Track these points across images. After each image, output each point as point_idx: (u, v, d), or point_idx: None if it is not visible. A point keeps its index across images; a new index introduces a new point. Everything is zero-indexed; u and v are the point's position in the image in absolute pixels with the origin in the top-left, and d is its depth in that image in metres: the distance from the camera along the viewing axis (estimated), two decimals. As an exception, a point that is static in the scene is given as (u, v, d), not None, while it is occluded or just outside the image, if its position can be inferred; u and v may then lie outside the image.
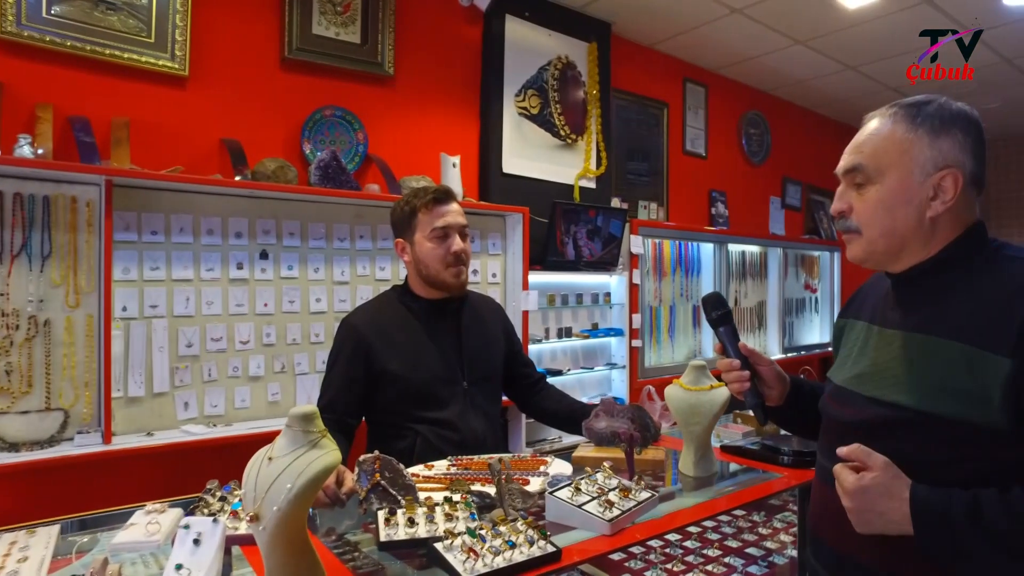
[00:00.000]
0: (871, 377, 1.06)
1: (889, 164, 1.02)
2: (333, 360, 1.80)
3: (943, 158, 0.99)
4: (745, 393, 1.29)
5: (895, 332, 1.05)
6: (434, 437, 1.74)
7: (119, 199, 2.32)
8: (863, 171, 1.05)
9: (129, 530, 1.16)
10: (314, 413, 1.00)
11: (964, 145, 0.99)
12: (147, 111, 2.53)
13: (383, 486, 1.33)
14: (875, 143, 1.04)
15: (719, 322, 1.33)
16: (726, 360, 1.31)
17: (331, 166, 2.77)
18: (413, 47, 3.30)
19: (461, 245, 1.79)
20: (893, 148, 1.02)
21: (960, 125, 1.00)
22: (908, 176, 1.00)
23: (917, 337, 1.00)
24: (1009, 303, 0.92)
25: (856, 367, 1.10)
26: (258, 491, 0.95)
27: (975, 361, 0.91)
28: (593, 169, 4.03)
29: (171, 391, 2.46)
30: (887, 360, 1.04)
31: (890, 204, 1.02)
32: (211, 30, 2.69)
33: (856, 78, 5.09)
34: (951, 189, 0.98)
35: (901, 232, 1.02)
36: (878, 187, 1.03)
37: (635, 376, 3.98)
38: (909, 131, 1.01)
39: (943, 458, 0.93)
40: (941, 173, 0.99)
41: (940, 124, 1.00)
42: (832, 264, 5.98)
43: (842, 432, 1.07)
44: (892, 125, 1.03)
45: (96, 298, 2.28)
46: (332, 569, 1.11)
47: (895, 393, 1.00)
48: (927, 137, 1.00)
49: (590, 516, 1.24)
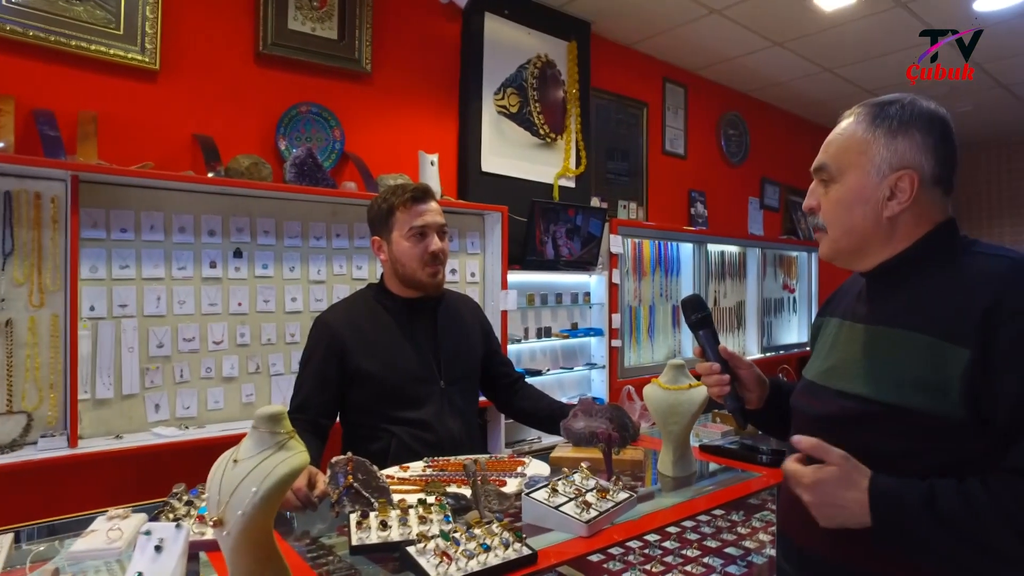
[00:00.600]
0: (839, 370, 1.07)
1: (849, 164, 1.04)
2: (306, 359, 1.76)
3: (899, 159, 1.00)
4: (725, 397, 1.28)
5: (862, 326, 1.07)
6: (410, 438, 1.71)
7: (86, 195, 2.26)
8: (827, 170, 1.07)
9: (88, 537, 1.11)
10: (281, 414, 0.96)
11: (923, 146, 1.00)
12: (116, 105, 2.47)
13: (356, 488, 1.29)
14: (839, 143, 1.07)
15: (699, 325, 1.32)
16: (706, 363, 1.30)
17: (307, 163, 2.73)
18: (391, 44, 3.26)
19: (439, 245, 1.76)
20: (853, 148, 1.04)
21: (919, 125, 1.01)
22: (865, 176, 1.02)
23: (882, 330, 1.02)
24: (970, 294, 0.92)
25: (826, 361, 1.12)
26: (222, 495, 0.91)
27: (937, 353, 0.92)
28: (573, 168, 4.02)
29: (141, 393, 2.40)
30: (854, 353, 1.05)
31: (849, 203, 1.04)
32: (183, 23, 2.63)
33: (832, 80, 5.15)
34: (907, 190, 1.00)
35: (860, 231, 1.04)
36: (839, 186, 1.06)
37: (615, 376, 3.97)
38: (868, 132, 1.03)
39: (906, 450, 0.94)
40: (897, 174, 1.00)
41: (898, 125, 1.01)
42: (810, 264, 6.04)
43: (811, 427, 1.07)
44: (855, 125, 1.05)
45: (62, 297, 2.21)
46: (302, 574, 1.07)
47: (860, 386, 1.01)
48: (883, 138, 1.01)
49: (567, 518, 1.22)
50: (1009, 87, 5.32)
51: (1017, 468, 0.85)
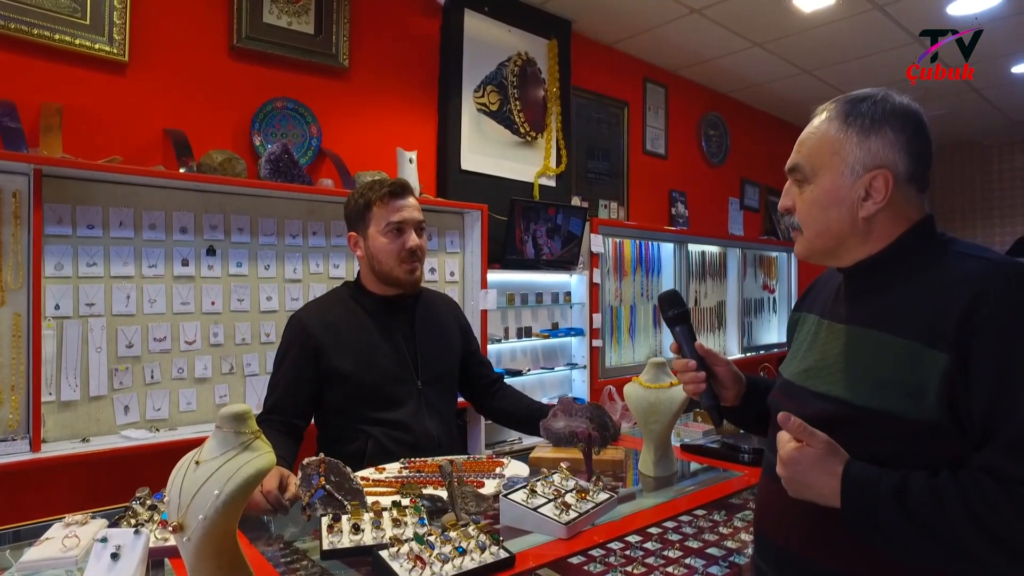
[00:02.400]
0: (817, 372, 1.05)
1: (822, 165, 1.02)
2: (280, 358, 1.72)
3: (872, 158, 0.98)
4: (701, 394, 1.26)
5: (841, 327, 1.05)
6: (386, 439, 1.67)
7: (51, 190, 2.18)
8: (801, 170, 1.05)
9: (42, 546, 1.06)
10: (246, 413, 0.92)
11: (896, 143, 0.98)
12: (82, 97, 2.39)
13: (328, 490, 1.25)
14: (811, 143, 1.04)
15: (675, 321, 1.28)
16: (682, 360, 1.27)
17: (282, 159, 2.67)
18: (369, 39, 3.21)
19: (417, 241, 1.73)
20: (825, 148, 1.02)
21: (892, 122, 0.98)
22: (839, 177, 1.00)
23: (861, 332, 1.00)
24: (949, 298, 0.91)
25: (804, 362, 1.10)
26: (183, 498, 0.87)
27: (915, 357, 0.91)
28: (553, 167, 3.99)
29: (109, 394, 2.32)
30: (833, 355, 1.04)
31: (824, 204, 1.02)
32: (153, 14, 2.56)
33: (811, 82, 5.19)
34: (882, 189, 0.97)
35: (836, 232, 1.02)
36: (813, 187, 1.03)
37: (596, 376, 3.95)
38: (840, 131, 1.00)
39: (884, 454, 0.93)
40: (871, 174, 0.98)
41: (871, 123, 0.99)
42: (789, 265, 6.09)
43: None
44: (827, 124, 1.03)
45: (25, 295, 2.13)
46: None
47: (838, 388, 0.99)
48: (856, 137, 0.99)
49: (546, 519, 1.19)
50: (981, 91, 5.40)
51: (987, 466, 0.85)
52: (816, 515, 0.96)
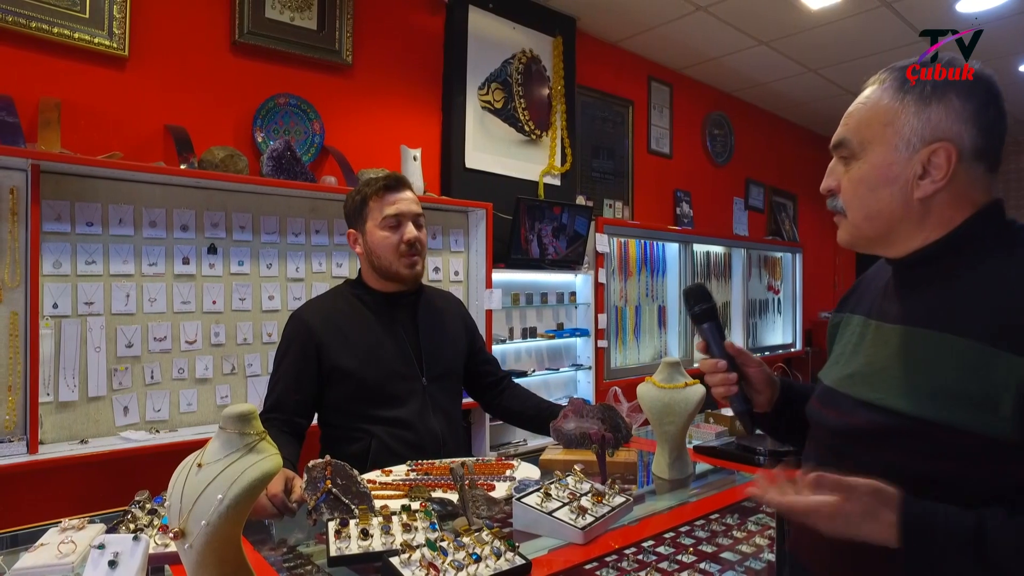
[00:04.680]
0: (864, 378, 0.92)
1: (872, 138, 0.89)
2: (281, 356, 1.68)
3: (932, 130, 0.85)
4: (731, 398, 1.13)
5: (892, 327, 0.91)
6: (390, 438, 1.63)
7: (49, 187, 2.14)
8: (847, 145, 0.92)
9: (37, 552, 1.01)
10: (251, 413, 0.87)
11: (963, 113, 0.84)
12: (81, 92, 2.35)
13: (335, 494, 1.21)
14: (861, 114, 0.91)
15: (703, 317, 1.16)
16: (710, 360, 1.14)
17: (285, 156, 2.63)
18: (373, 36, 3.17)
19: (415, 233, 1.69)
20: (877, 119, 0.89)
21: (958, 88, 0.85)
22: (891, 151, 0.87)
23: (918, 332, 0.87)
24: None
25: (848, 366, 0.97)
26: (184, 503, 0.82)
27: (986, 360, 0.78)
28: (558, 166, 3.95)
29: (109, 395, 2.28)
30: (883, 359, 0.90)
31: (873, 183, 0.89)
32: (153, 8, 2.51)
33: (816, 81, 5.15)
34: (943, 166, 0.84)
35: (886, 215, 0.89)
36: (861, 163, 0.90)
37: (601, 377, 3.91)
38: (895, 99, 0.87)
39: (945, 474, 0.81)
40: (930, 148, 0.85)
41: (932, 89, 0.85)
42: (794, 265, 6.05)
43: (829, 439, 0.97)
44: (880, 92, 0.90)
45: (22, 294, 2.08)
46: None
47: (890, 397, 0.86)
48: (913, 105, 0.86)
49: (562, 524, 1.14)
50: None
51: None
52: (864, 551, 0.83)
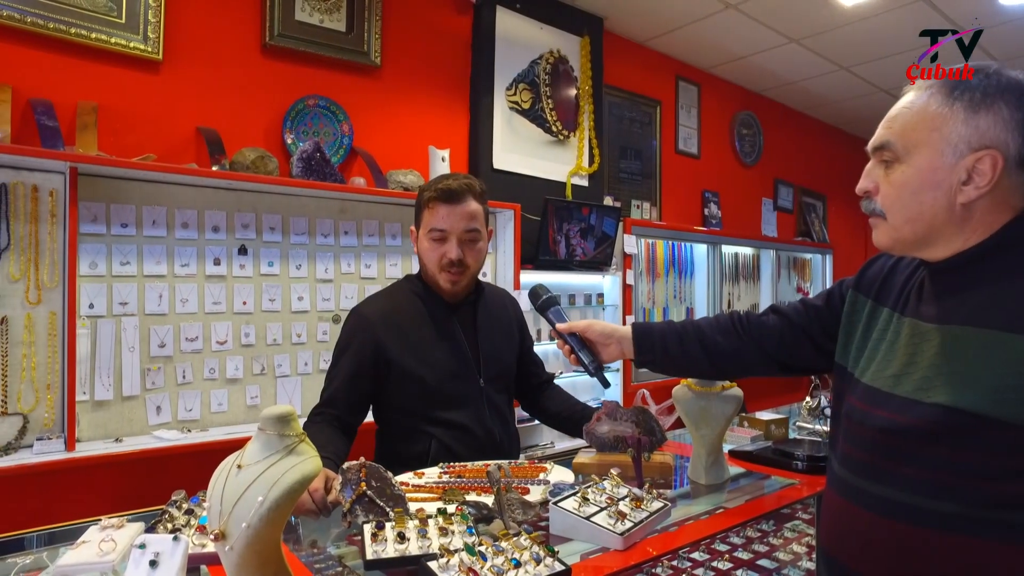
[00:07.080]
0: (910, 377, 0.93)
1: (918, 142, 0.91)
2: (340, 352, 1.65)
3: (980, 137, 0.87)
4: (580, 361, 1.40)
5: (932, 327, 0.93)
6: (451, 440, 1.61)
7: (86, 189, 2.17)
8: (891, 148, 0.94)
9: (79, 549, 1.01)
10: (290, 414, 0.86)
11: (1011, 122, 0.86)
12: (117, 96, 2.38)
13: (369, 496, 1.20)
14: (906, 118, 0.93)
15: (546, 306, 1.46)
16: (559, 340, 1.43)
17: (314, 158, 2.64)
18: (401, 37, 3.18)
19: (456, 254, 1.61)
20: (923, 124, 0.91)
21: (1008, 98, 0.87)
22: (937, 157, 0.89)
23: (961, 331, 0.88)
24: None
25: (889, 366, 0.97)
26: (224, 505, 0.81)
27: None
28: (586, 166, 3.92)
29: (142, 394, 2.30)
30: (927, 358, 0.91)
31: (916, 187, 0.91)
32: (187, 12, 2.55)
33: (848, 79, 5.05)
34: (988, 173, 0.86)
35: (928, 219, 0.91)
36: (905, 167, 0.92)
37: (629, 380, 3.87)
38: (944, 105, 0.89)
39: (997, 469, 0.82)
40: (977, 155, 0.87)
41: (981, 98, 0.87)
42: (824, 267, 5.94)
43: (873, 437, 0.95)
44: (927, 98, 0.91)
45: (60, 294, 2.12)
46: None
47: (944, 394, 0.87)
48: (963, 113, 0.88)
49: (601, 529, 1.12)
50: None
51: None
52: (897, 543, 0.86)
